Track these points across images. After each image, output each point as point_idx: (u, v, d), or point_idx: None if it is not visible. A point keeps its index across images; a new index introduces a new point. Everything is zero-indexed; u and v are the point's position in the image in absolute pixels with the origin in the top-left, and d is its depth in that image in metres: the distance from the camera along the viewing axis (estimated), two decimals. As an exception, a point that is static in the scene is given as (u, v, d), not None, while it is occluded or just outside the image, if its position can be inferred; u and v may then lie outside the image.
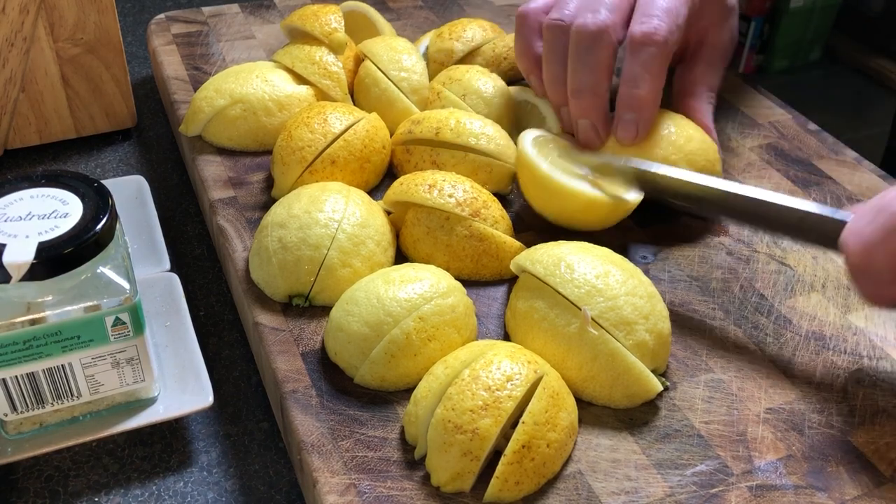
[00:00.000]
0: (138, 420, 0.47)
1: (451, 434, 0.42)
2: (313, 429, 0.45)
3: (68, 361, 0.44)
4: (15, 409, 0.45)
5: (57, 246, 0.42)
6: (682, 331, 0.52)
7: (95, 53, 0.68)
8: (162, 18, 0.81)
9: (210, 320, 0.58)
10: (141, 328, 0.45)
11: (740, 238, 0.60)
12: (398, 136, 0.63)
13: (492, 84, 0.65)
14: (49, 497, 0.46)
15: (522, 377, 0.43)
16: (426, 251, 0.55)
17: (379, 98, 0.66)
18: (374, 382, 0.47)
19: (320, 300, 0.52)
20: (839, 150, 0.68)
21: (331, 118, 0.60)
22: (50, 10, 0.64)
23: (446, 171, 0.57)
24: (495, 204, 0.56)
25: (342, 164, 0.59)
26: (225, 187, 0.61)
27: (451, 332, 0.48)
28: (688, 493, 0.43)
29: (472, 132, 0.59)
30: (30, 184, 0.45)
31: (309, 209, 0.53)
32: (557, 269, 0.49)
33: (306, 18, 0.69)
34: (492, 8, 0.88)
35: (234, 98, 0.64)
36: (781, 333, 0.53)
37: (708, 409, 0.48)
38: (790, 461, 0.45)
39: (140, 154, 0.72)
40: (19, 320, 0.42)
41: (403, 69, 0.66)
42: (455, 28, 0.72)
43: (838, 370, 0.51)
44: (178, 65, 0.74)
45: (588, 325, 0.46)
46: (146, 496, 0.47)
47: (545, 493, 0.43)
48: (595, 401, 0.48)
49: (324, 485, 0.42)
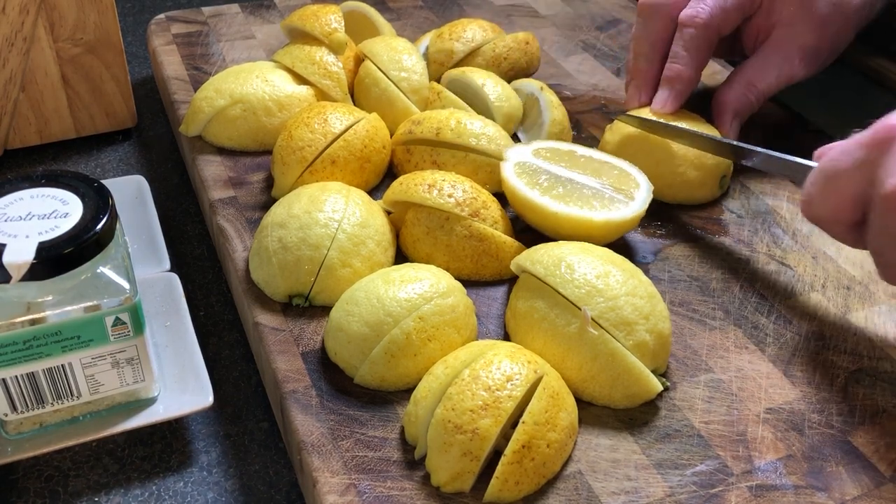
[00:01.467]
0: (138, 420, 0.47)
1: (451, 434, 0.42)
2: (313, 429, 0.45)
3: (68, 361, 0.44)
4: (15, 409, 0.45)
5: (57, 246, 0.42)
6: (682, 331, 0.52)
7: (95, 53, 0.68)
8: (162, 18, 0.81)
9: (210, 320, 0.58)
10: (141, 328, 0.45)
11: (740, 238, 0.60)
12: (398, 136, 0.63)
13: (492, 84, 0.65)
14: (49, 497, 0.46)
15: (522, 377, 0.43)
16: (426, 251, 0.55)
17: (379, 98, 0.66)
18: (374, 382, 0.47)
19: (320, 300, 0.52)
20: (839, 150, 0.68)
21: (331, 118, 0.60)
22: (50, 10, 0.64)
23: (446, 171, 0.57)
24: (495, 204, 0.56)
25: (342, 163, 0.59)
26: (225, 187, 0.61)
27: (451, 332, 0.48)
28: (688, 493, 0.43)
29: (472, 132, 0.59)
30: (30, 184, 0.45)
31: (309, 209, 0.53)
32: (558, 269, 0.49)
33: (306, 18, 0.69)
34: (492, 8, 0.88)
35: (234, 98, 0.64)
36: (781, 333, 0.53)
37: (708, 409, 0.48)
38: (790, 461, 0.45)
39: (140, 154, 0.72)
40: (19, 320, 0.42)
41: (404, 69, 0.66)
42: (455, 28, 0.72)
43: (838, 370, 0.51)
44: (178, 65, 0.74)
45: (588, 325, 0.46)
46: (146, 496, 0.47)
47: (545, 493, 0.43)
48: (595, 401, 0.48)
49: (324, 485, 0.42)
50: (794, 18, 0.63)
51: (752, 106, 0.65)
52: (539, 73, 0.76)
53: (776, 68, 0.64)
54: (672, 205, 0.62)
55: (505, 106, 0.64)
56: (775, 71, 0.64)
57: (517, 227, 0.58)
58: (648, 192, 0.56)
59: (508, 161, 0.57)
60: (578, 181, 0.56)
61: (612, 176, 0.57)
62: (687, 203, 0.62)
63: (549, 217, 0.54)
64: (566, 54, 0.81)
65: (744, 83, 0.65)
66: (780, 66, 0.64)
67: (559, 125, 0.64)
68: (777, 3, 0.62)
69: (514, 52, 0.71)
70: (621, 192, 0.56)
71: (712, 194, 0.62)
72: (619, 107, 0.72)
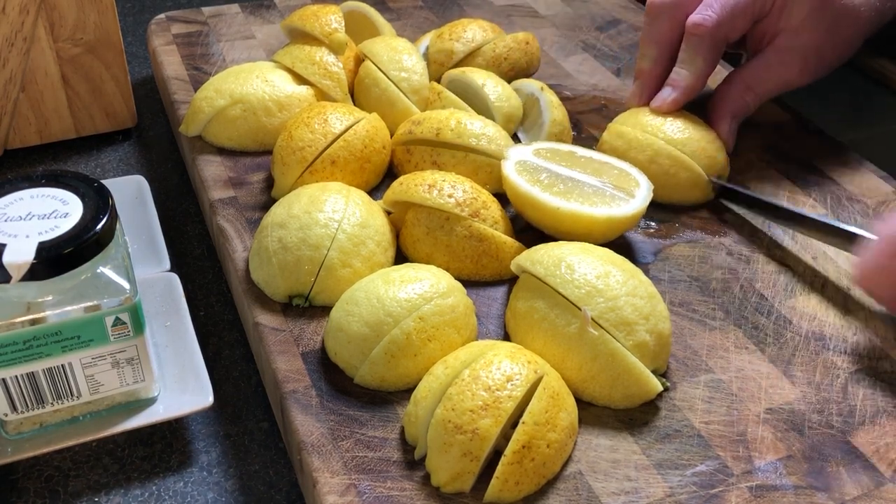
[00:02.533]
0: (138, 420, 0.47)
1: (451, 434, 0.42)
2: (313, 429, 0.45)
3: (68, 361, 0.44)
4: (15, 409, 0.45)
5: (57, 246, 0.42)
6: (682, 331, 0.52)
7: (95, 53, 0.68)
8: (162, 18, 0.81)
9: (210, 320, 0.58)
10: (141, 328, 0.45)
11: (740, 238, 0.60)
12: (399, 136, 0.63)
13: (492, 84, 0.65)
14: (49, 497, 0.46)
15: (522, 377, 0.43)
16: (426, 251, 0.55)
17: (379, 98, 0.66)
18: (374, 382, 0.47)
19: (320, 300, 0.52)
20: (839, 151, 0.68)
21: (331, 118, 0.60)
22: (50, 10, 0.64)
23: (446, 172, 0.57)
24: (495, 204, 0.56)
25: (342, 164, 0.59)
26: (225, 187, 0.61)
27: (451, 333, 0.48)
28: (688, 494, 0.43)
29: (472, 133, 0.59)
30: (30, 184, 0.45)
31: (309, 209, 0.53)
32: (558, 269, 0.49)
33: (306, 18, 0.69)
34: (492, 8, 0.88)
35: (234, 98, 0.64)
36: (781, 333, 0.53)
37: (708, 410, 0.48)
38: (790, 461, 0.45)
39: (140, 154, 0.72)
40: (19, 320, 0.42)
41: (404, 69, 0.66)
42: (455, 28, 0.72)
43: (838, 370, 0.51)
44: (178, 65, 0.74)
45: (588, 325, 0.46)
46: (146, 496, 0.47)
47: (545, 494, 0.43)
48: (595, 401, 0.48)
49: (324, 485, 0.42)
50: (801, 26, 0.62)
51: (749, 109, 0.65)
52: (539, 74, 0.76)
53: (775, 74, 0.64)
54: (673, 206, 0.62)
55: (505, 106, 0.64)
56: (774, 76, 0.64)
57: (517, 227, 0.58)
58: (649, 190, 0.56)
59: (509, 160, 0.57)
60: (579, 179, 0.56)
61: (612, 175, 0.57)
62: (681, 204, 0.62)
63: (549, 213, 0.54)
64: (566, 54, 0.81)
65: (742, 86, 0.65)
66: (780, 71, 0.64)
67: (559, 125, 0.64)
68: (787, 9, 0.62)
69: (515, 52, 0.71)
70: (622, 191, 0.56)
71: (705, 196, 0.62)
72: (619, 107, 0.72)
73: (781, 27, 0.63)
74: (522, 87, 0.68)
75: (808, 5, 0.61)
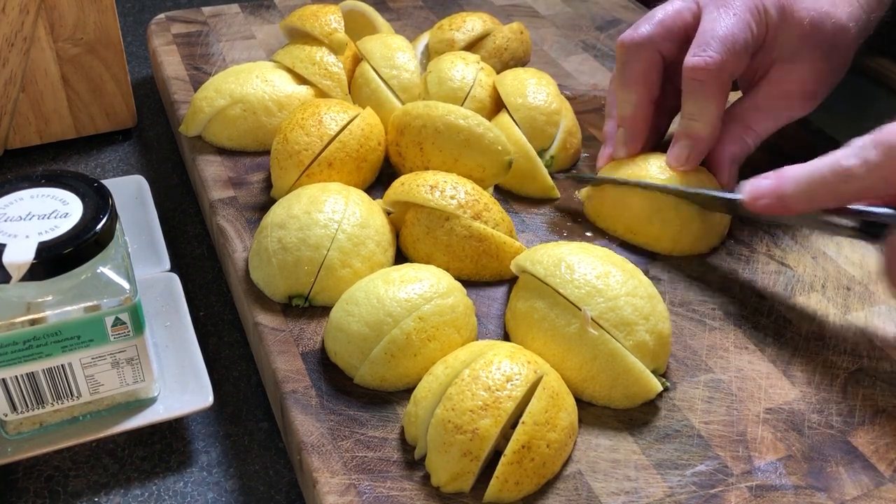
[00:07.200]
0: (138, 420, 0.47)
1: (451, 434, 0.42)
2: (313, 429, 0.45)
3: (68, 361, 0.44)
4: (15, 409, 0.45)
5: (57, 246, 0.42)
6: (681, 331, 0.52)
7: (95, 53, 0.68)
8: (162, 18, 0.81)
9: (210, 320, 0.58)
10: (141, 328, 0.45)
11: (740, 238, 0.60)
12: (392, 137, 0.62)
13: (469, 71, 0.66)
14: (49, 497, 0.46)
15: (522, 377, 0.43)
16: (426, 251, 0.55)
17: (369, 98, 0.66)
18: (373, 382, 0.47)
19: (320, 300, 0.52)
20: (839, 151, 0.68)
21: (325, 118, 0.59)
22: (50, 10, 0.64)
23: (447, 173, 0.57)
24: (496, 206, 0.56)
25: (339, 165, 0.59)
26: (225, 187, 0.61)
27: (451, 333, 0.48)
28: (688, 494, 0.43)
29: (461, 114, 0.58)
30: (30, 184, 0.45)
31: (309, 210, 0.53)
32: (558, 269, 0.49)
33: (306, 18, 0.69)
34: (492, 8, 0.88)
35: (234, 98, 0.64)
36: (781, 333, 0.53)
37: (708, 410, 0.48)
38: (790, 461, 0.45)
39: (140, 154, 0.72)
40: (19, 320, 0.42)
41: (395, 66, 0.66)
42: (455, 20, 0.73)
43: (838, 370, 0.51)
44: (178, 65, 0.74)
45: (588, 325, 0.46)
46: (146, 496, 0.47)
47: (545, 494, 0.43)
48: (595, 401, 0.48)
49: (324, 485, 0.42)
50: (794, 55, 0.58)
51: (750, 149, 0.60)
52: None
53: (774, 110, 0.59)
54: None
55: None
56: (773, 112, 0.59)
57: (517, 228, 0.58)
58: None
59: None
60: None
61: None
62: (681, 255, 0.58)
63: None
64: (566, 54, 0.81)
65: (741, 125, 0.59)
66: (779, 107, 0.59)
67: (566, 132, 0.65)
68: (779, 38, 0.57)
69: (513, 42, 0.74)
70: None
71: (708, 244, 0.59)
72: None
73: (775, 58, 0.58)
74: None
75: (799, 32, 0.57)
